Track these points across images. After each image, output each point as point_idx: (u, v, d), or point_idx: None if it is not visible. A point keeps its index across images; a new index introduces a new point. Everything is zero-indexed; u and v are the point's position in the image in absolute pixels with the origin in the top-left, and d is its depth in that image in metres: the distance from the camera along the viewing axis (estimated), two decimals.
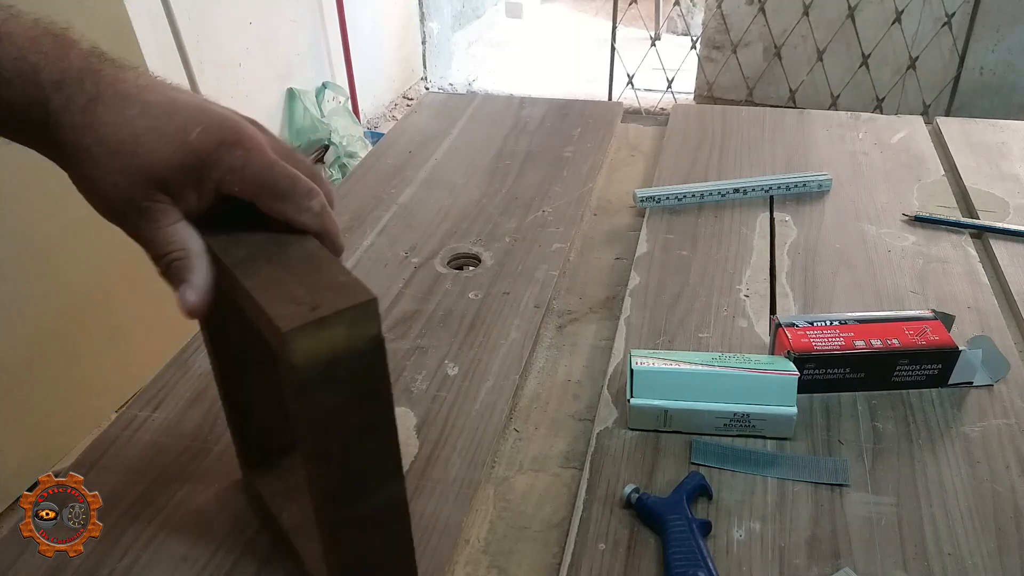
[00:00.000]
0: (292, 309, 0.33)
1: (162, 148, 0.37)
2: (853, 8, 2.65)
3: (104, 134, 0.36)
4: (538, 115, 1.09)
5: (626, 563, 0.47)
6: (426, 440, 0.56)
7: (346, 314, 0.33)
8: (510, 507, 0.53)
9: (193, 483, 0.53)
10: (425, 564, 0.47)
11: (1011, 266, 0.74)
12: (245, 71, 2.28)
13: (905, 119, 1.05)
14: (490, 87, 3.48)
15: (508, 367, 0.63)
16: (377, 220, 0.84)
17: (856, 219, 0.83)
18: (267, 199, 0.39)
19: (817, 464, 0.54)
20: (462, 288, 0.73)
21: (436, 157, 0.98)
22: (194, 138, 0.37)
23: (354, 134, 2.57)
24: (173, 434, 0.57)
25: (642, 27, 3.22)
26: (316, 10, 2.62)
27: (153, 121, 0.37)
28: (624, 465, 0.54)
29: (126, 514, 0.51)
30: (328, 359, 0.33)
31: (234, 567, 0.48)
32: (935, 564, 0.47)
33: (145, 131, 0.37)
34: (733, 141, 1.00)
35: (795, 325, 0.61)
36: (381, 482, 0.38)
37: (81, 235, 1.37)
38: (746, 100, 2.91)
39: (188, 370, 0.63)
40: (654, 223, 0.82)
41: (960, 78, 2.65)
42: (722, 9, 2.84)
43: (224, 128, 0.38)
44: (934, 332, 0.60)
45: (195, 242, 0.39)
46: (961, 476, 0.53)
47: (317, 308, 0.33)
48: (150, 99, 0.38)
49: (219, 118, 0.38)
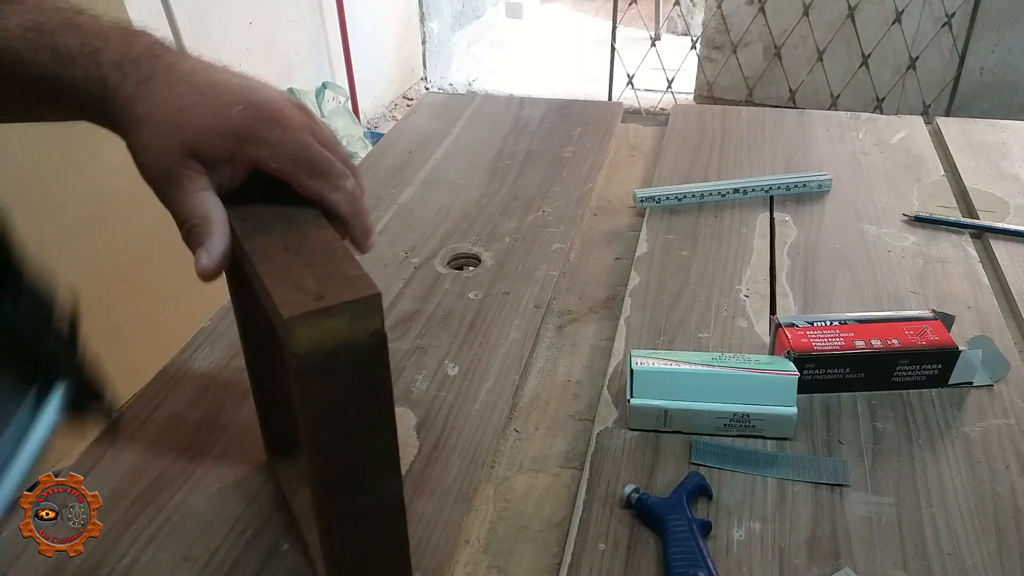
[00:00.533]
0: (297, 297, 0.34)
1: (203, 121, 0.39)
2: (853, 8, 2.65)
3: (153, 106, 0.39)
4: (538, 115, 1.09)
5: (626, 563, 0.47)
6: (426, 440, 0.56)
7: (349, 306, 0.34)
8: (510, 507, 0.53)
9: (193, 483, 0.53)
10: (425, 564, 0.47)
11: (1011, 266, 0.74)
12: (245, 71, 2.27)
13: (905, 119, 1.05)
14: (490, 87, 3.48)
15: (508, 367, 0.63)
16: (377, 220, 0.84)
17: (856, 219, 0.83)
18: (303, 177, 0.41)
19: (817, 464, 0.54)
20: (462, 288, 0.73)
21: (436, 157, 0.98)
22: (235, 114, 0.40)
23: (354, 134, 2.57)
24: (173, 434, 0.57)
25: (642, 27, 3.22)
26: (316, 10, 2.62)
27: (198, 97, 0.40)
28: (624, 465, 0.54)
29: (126, 514, 0.51)
30: (329, 350, 0.34)
31: (234, 567, 0.48)
32: (935, 564, 0.47)
33: (191, 105, 0.39)
34: (733, 141, 1.00)
35: (795, 325, 0.61)
36: (378, 478, 0.39)
37: (81, 235, 1.37)
38: (746, 100, 2.91)
39: (188, 370, 0.63)
40: (654, 223, 0.82)
41: (960, 78, 2.65)
42: (722, 9, 2.84)
43: (264, 107, 0.40)
44: (934, 332, 0.60)
45: (217, 211, 0.40)
46: (961, 476, 0.53)
47: (322, 298, 0.34)
48: (200, 79, 0.40)
49: (262, 99, 0.41)
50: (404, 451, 0.55)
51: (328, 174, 0.41)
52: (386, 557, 0.42)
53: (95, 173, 1.35)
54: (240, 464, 0.54)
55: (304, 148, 0.41)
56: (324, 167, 0.41)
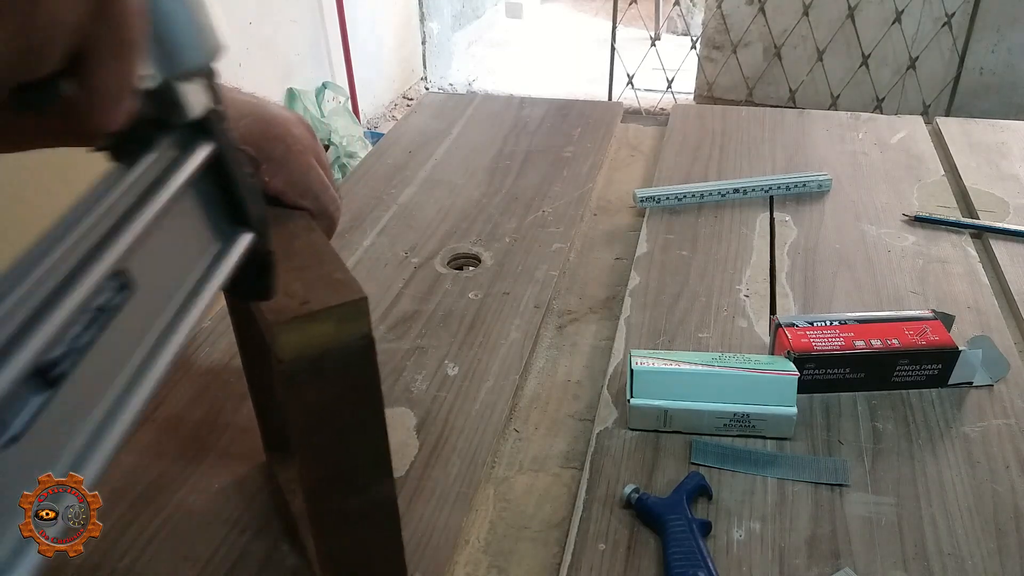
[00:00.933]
0: (283, 302, 0.33)
1: None
2: (853, 8, 2.65)
3: None
4: (538, 115, 1.09)
5: (626, 563, 0.47)
6: (426, 440, 0.56)
7: (336, 311, 0.33)
8: (510, 507, 0.53)
9: (193, 483, 0.53)
10: (425, 564, 0.47)
11: (1011, 266, 0.74)
12: (245, 71, 2.28)
13: (905, 119, 1.05)
14: (490, 87, 3.48)
15: (508, 367, 0.63)
16: (377, 220, 0.84)
17: (856, 219, 0.83)
18: (296, 197, 0.42)
19: (817, 464, 0.54)
20: (462, 288, 0.73)
21: (436, 157, 0.98)
22: (241, 125, 0.40)
23: (354, 134, 2.57)
24: (173, 434, 0.57)
25: (642, 27, 3.22)
26: (316, 10, 2.62)
27: None
28: (624, 465, 0.54)
29: (126, 514, 0.51)
30: (316, 354, 0.34)
31: (234, 567, 0.48)
32: (935, 564, 0.47)
33: None
34: (733, 141, 1.00)
35: (795, 325, 0.61)
36: (369, 481, 0.38)
37: None
38: (746, 100, 2.91)
39: (188, 370, 0.63)
40: (654, 223, 0.82)
41: (960, 78, 2.65)
42: (722, 9, 2.84)
43: (271, 123, 0.41)
44: (934, 332, 0.60)
45: None
46: (961, 476, 0.53)
47: (307, 303, 0.33)
48: None
49: (269, 115, 0.41)
50: (404, 451, 0.55)
51: (320, 198, 0.42)
52: (380, 559, 0.42)
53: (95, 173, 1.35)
54: (240, 464, 0.54)
55: (305, 170, 0.41)
56: (319, 190, 0.42)
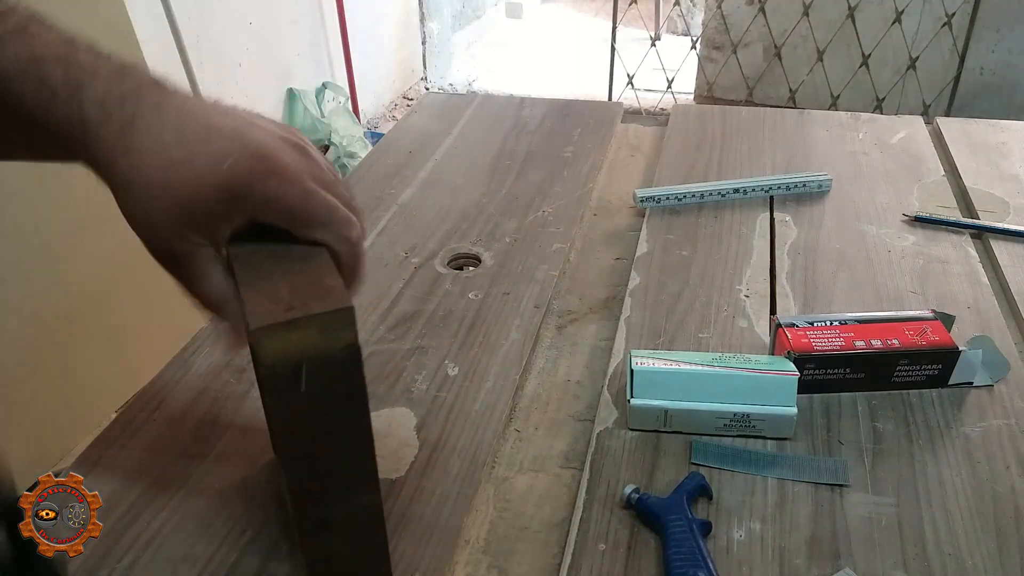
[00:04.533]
0: (267, 307, 0.33)
1: (193, 182, 0.36)
2: (853, 8, 2.65)
3: (138, 159, 0.37)
4: (538, 115, 1.08)
5: (626, 563, 0.47)
6: (426, 440, 0.56)
7: (319, 318, 0.33)
8: (510, 507, 0.53)
9: (193, 483, 0.53)
10: (425, 564, 0.47)
11: (1011, 266, 0.74)
12: (245, 71, 2.28)
13: (905, 119, 1.05)
14: (490, 87, 3.48)
15: (508, 367, 0.63)
16: (377, 220, 0.84)
17: (856, 219, 0.83)
18: (303, 229, 0.38)
19: (817, 464, 0.54)
20: (462, 288, 0.73)
21: (436, 157, 0.98)
22: (226, 169, 0.36)
23: (354, 134, 2.57)
24: (173, 434, 0.57)
25: (642, 27, 3.22)
26: (316, 10, 2.62)
27: (187, 151, 0.37)
28: (624, 465, 0.54)
29: (126, 514, 0.51)
30: (298, 361, 0.33)
31: (234, 567, 0.48)
32: (935, 564, 0.47)
33: (179, 162, 0.36)
34: (733, 141, 1.00)
35: (795, 325, 0.61)
36: (352, 490, 0.38)
37: (81, 235, 1.37)
38: (746, 100, 2.91)
39: (188, 370, 0.63)
40: (654, 223, 0.82)
41: (960, 78, 2.65)
42: (722, 9, 2.84)
43: (256, 157, 0.37)
44: (934, 332, 0.60)
45: (224, 289, 0.39)
46: (961, 476, 0.53)
47: (291, 309, 0.33)
48: (187, 125, 0.37)
49: (254, 146, 0.37)
50: (404, 451, 0.55)
51: (330, 224, 0.38)
52: (364, 567, 0.41)
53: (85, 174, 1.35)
54: (240, 464, 0.54)
55: (304, 199, 0.38)
56: (326, 218, 0.38)
